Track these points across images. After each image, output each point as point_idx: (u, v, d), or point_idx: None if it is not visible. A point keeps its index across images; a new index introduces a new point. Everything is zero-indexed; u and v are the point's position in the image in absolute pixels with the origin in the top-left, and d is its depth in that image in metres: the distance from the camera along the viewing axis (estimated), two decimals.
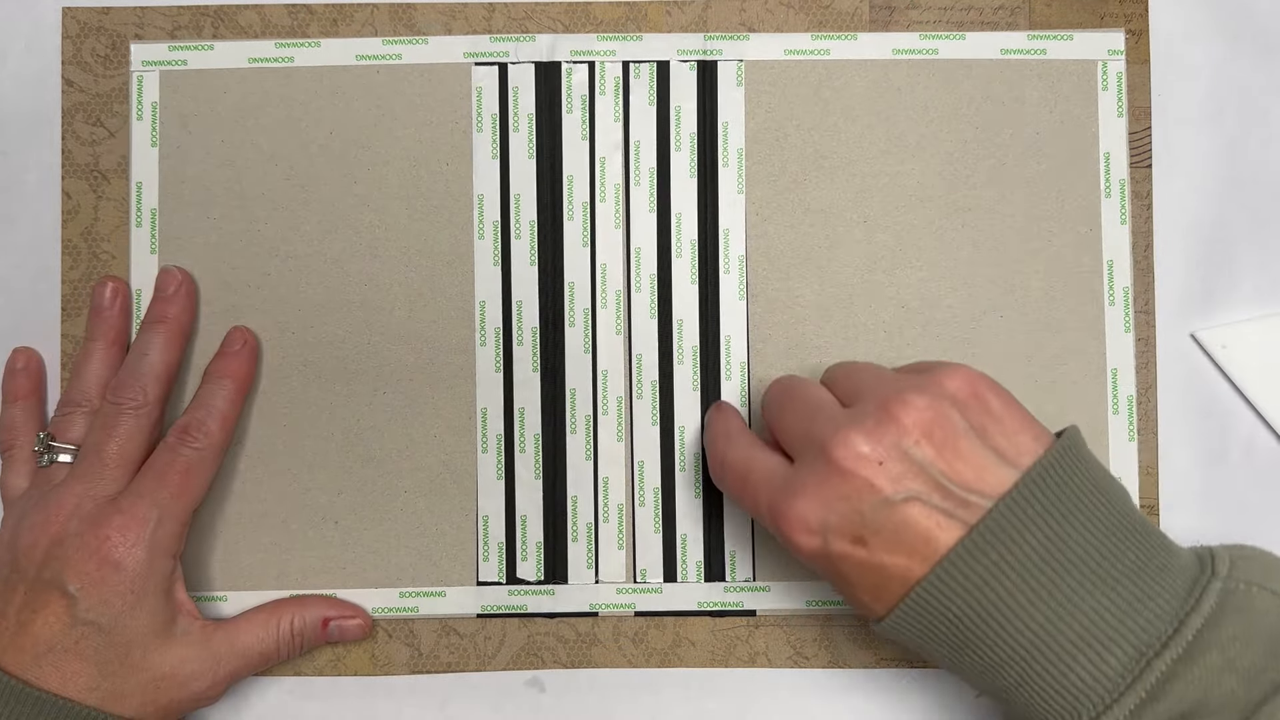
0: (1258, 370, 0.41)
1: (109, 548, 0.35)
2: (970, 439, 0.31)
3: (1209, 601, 0.29)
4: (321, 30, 0.42)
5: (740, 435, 0.36)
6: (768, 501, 0.33)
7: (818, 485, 0.31)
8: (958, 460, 0.31)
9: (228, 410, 0.39)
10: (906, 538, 0.30)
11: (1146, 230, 0.41)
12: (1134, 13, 0.42)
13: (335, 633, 0.40)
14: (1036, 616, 0.30)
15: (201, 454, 0.38)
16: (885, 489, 0.30)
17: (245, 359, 0.40)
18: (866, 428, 0.31)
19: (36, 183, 0.42)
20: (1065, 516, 0.30)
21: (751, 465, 0.34)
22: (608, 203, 0.41)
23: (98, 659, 0.35)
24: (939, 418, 0.31)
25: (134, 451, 0.37)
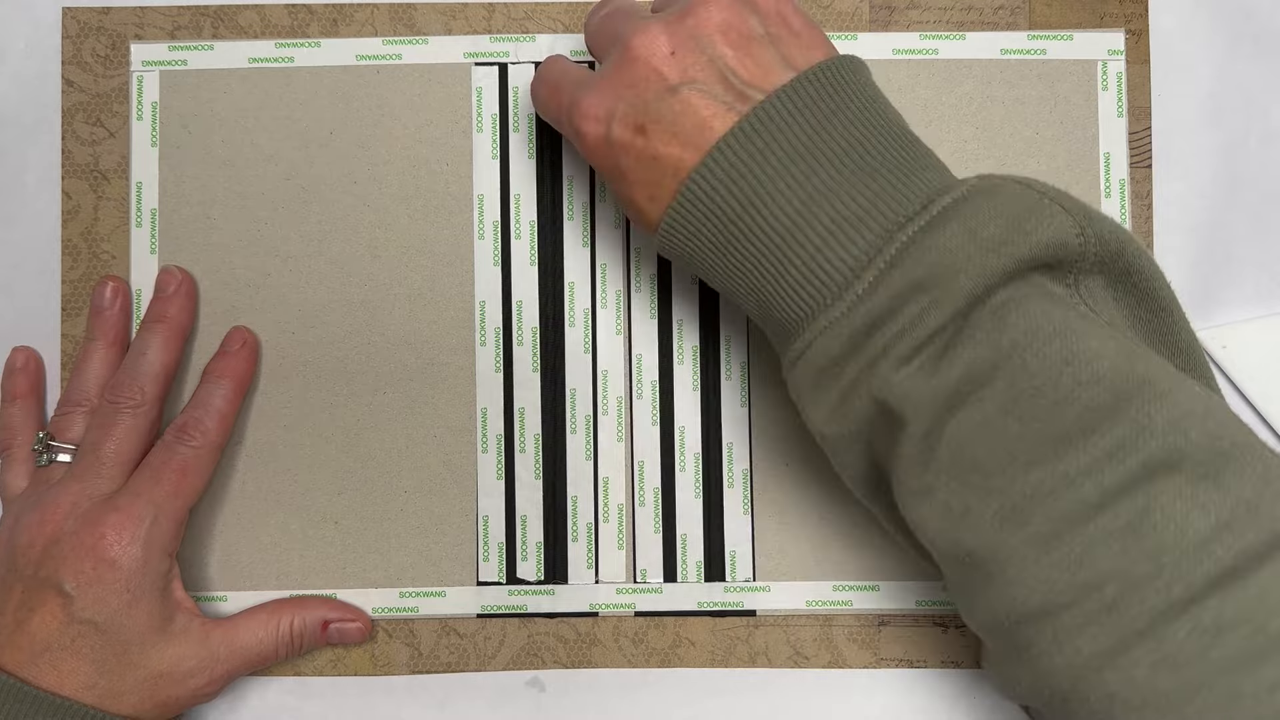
0: (1258, 370, 0.41)
1: (105, 546, 0.35)
2: (764, 43, 0.32)
3: (960, 189, 0.29)
4: (321, 30, 0.42)
5: (563, 61, 0.37)
6: (568, 100, 0.34)
7: (612, 75, 0.32)
8: (748, 58, 0.31)
9: (226, 410, 0.39)
10: (683, 126, 0.31)
11: (1146, 230, 0.41)
12: (1134, 13, 0.42)
13: (335, 635, 0.40)
14: (794, 201, 0.30)
15: (198, 453, 0.38)
16: (671, 77, 0.31)
17: (244, 359, 0.40)
18: (668, 20, 0.32)
19: (36, 183, 0.42)
20: (833, 113, 0.31)
21: (564, 75, 0.35)
22: (608, 202, 0.41)
23: (95, 657, 0.35)
24: (738, 19, 0.32)
25: (131, 451, 0.37)
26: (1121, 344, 0.28)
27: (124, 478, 0.37)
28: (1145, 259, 0.30)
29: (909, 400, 0.28)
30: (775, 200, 0.30)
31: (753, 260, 0.31)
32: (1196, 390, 0.27)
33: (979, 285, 0.28)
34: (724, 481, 0.41)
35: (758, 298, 0.31)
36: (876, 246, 0.29)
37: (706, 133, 0.31)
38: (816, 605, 0.41)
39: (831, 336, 0.29)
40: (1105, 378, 0.27)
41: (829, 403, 0.30)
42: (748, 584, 0.41)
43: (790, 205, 0.30)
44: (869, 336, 0.29)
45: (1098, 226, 0.29)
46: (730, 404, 0.41)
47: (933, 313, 0.28)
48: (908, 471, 0.29)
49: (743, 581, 0.41)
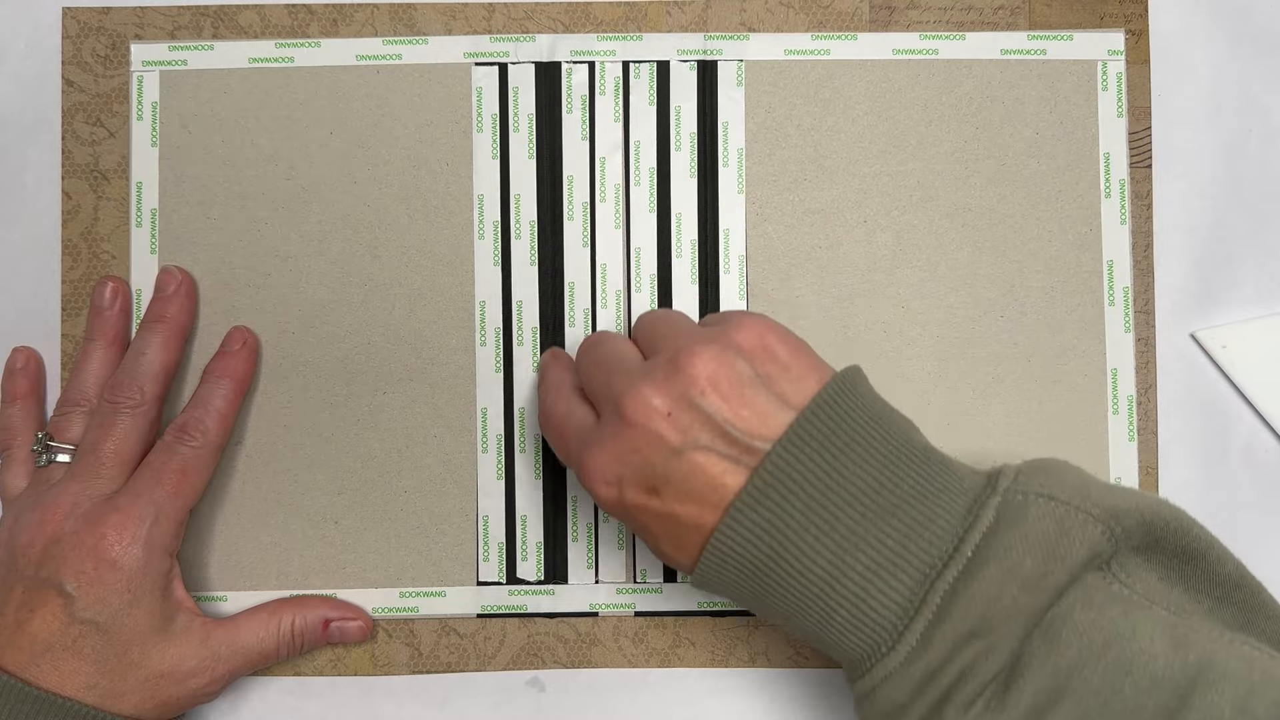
0: (1258, 370, 0.41)
1: (105, 546, 0.35)
2: (755, 387, 0.31)
3: (987, 516, 0.30)
4: (321, 30, 0.42)
5: (565, 388, 0.37)
6: (576, 454, 0.34)
7: (613, 439, 0.32)
8: (743, 408, 0.31)
9: (226, 410, 0.39)
10: (696, 486, 0.31)
11: (1146, 230, 0.41)
12: (1134, 13, 0.42)
13: (336, 634, 0.40)
14: (824, 553, 0.30)
15: (198, 453, 0.38)
16: (673, 440, 0.31)
17: (244, 359, 0.40)
18: (656, 380, 0.32)
19: (36, 183, 0.42)
20: (841, 450, 0.30)
21: (568, 420, 0.35)
22: (608, 203, 0.41)
23: (95, 657, 0.35)
24: (725, 368, 0.31)
25: (130, 451, 0.37)
26: (1168, 631, 0.28)
27: (124, 478, 0.37)
28: (1168, 520, 0.30)
29: None
30: (805, 553, 0.30)
31: (794, 607, 0.31)
32: (1254, 655, 0.28)
33: (1029, 624, 0.29)
34: None
35: (806, 635, 0.32)
36: (918, 594, 0.29)
37: (720, 491, 0.31)
38: None
39: (894, 686, 0.30)
40: (1164, 679, 0.27)
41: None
42: None
43: (821, 556, 0.30)
44: (930, 683, 0.29)
45: (1125, 520, 0.30)
46: None
47: (990, 658, 0.29)
48: None
49: None
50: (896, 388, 0.41)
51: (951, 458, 0.32)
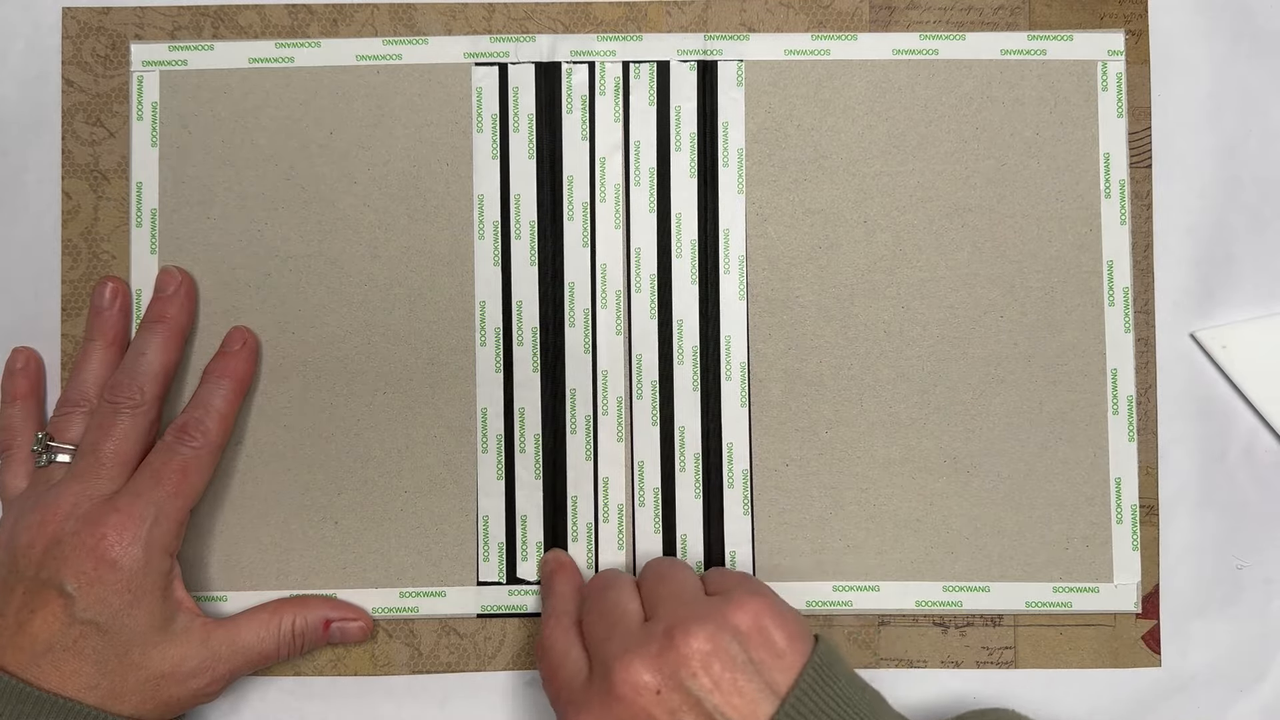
0: (1258, 370, 0.41)
1: (106, 546, 0.35)
2: (748, 673, 0.32)
3: None
4: (321, 30, 0.42)
5: (566, 620, 0.36)
6: (562, 707, 0.34)
7: (600, 706, 0.32)
8: (734, 695, 0.31)
9: (226, 410, 0.39)
10: None
11: (1146, 230, 0.41)
12: (1134, 13, 0.42)
13: (337, 635, 0.40)
14: None
15: (199, 453, 0.38)
16: (659, 718, 0.31)
17: (244, 359, 0.40)
18: (650, 654, 0.32)
19: (36, 183, 0.42)
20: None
21: (563, 663, 0.35)
22: (608, 203, 0.41)
23: (96, 657, 0.35)
24: (719, 650, 0.32)
25: (130, 451, 0.37)
26: None
27: (124, 478, 0.37)
28: None
29: None
30: None
31: None
32: None
33: None
34: (724, 481, 0.41)
35: None
36: None
37: None
38: (816, 605, 0.41)
39: None
40: None
41: None
42: None
43: None
44: None
45: None
46: (730, 404, 0.41)
47: None
48: None
49: None
50: (896, 388, 0.41)
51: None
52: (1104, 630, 0.41)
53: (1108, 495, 0.41)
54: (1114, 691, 0.41)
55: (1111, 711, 0.40)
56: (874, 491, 0.41)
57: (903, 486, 0.41)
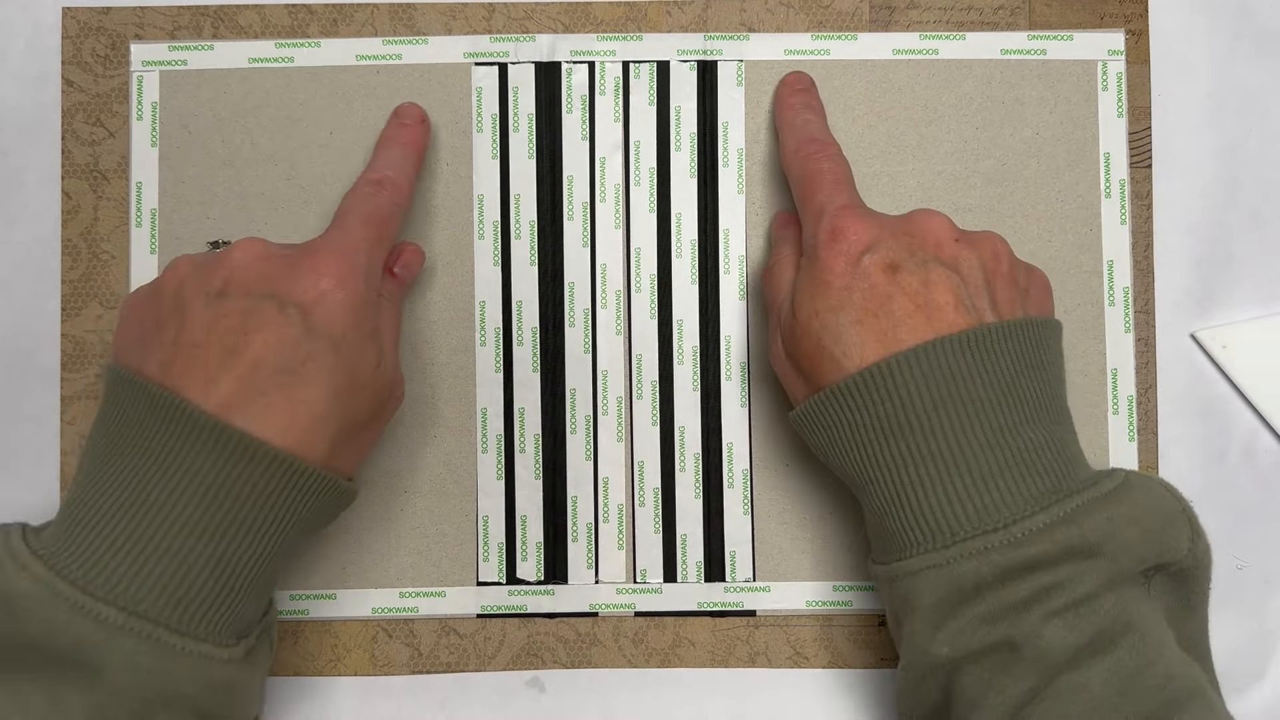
0: (1258, 370, 0.41)
1: (327, 268, 0.32)
2: (1018, 289, 0.34)
3: (1121, 475, 0.32)
4: (321, 30, 0.42)
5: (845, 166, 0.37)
6: (839, 200, 0.35)
7: (892, 220, 0.34)
8: (1008, 287, 0.34)
9: (412, 174, 0.38)
10: (930, 296, 0.32)
11: (1146, 230, 0.41)
12: (1134, 13, 0.42)
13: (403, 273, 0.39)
14: (981, 426, 0.31)
15: (396, 206, 0.36)
16: (946, 253, 0.33)
17: (423, 132, 0.40)
18: (960, 229, 0.34)
19: (36, 183, 0.42)
20: (1037, 365, 0.33)
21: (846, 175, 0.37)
22: (608, 203, 0.41)
23: (329, 381, 0.31)
24: (1011, 265, 0.34)
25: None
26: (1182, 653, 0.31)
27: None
28: (1207, 576, 0.33)
29: (1045, 652, 0.30)
30: (967, 414, 0.31)
31: (904, 458, 0.32)
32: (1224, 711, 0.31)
33: (1133, 568, 0.31)
34: (724, 481, 0.41)
35: (897, 489, 0.32)
36: (1046, 499, 0.31)
37: (940, 316, 0.32)
38: (816, 605, 0.41)
39: (985, 562, 0.30)
40: (1182, 677, 0.30)
41: (951, 624, 0.31)
42: (748, 584, 0.41)
43: (979, 427, 0.31)
44: (1022, 577, 0.30)
45: (1197, 545, 0.32)
46: (730, 404, 0.41)
47: (1090, 578, 0.30)
48: (999, 713, 0.30)
49: (743, 581, 0.41)
50: None
51: None
52: None
53: None
54: None
55: None
56: None
57: None
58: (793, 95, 0.40)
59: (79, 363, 0.41)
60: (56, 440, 0.41)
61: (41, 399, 0.41)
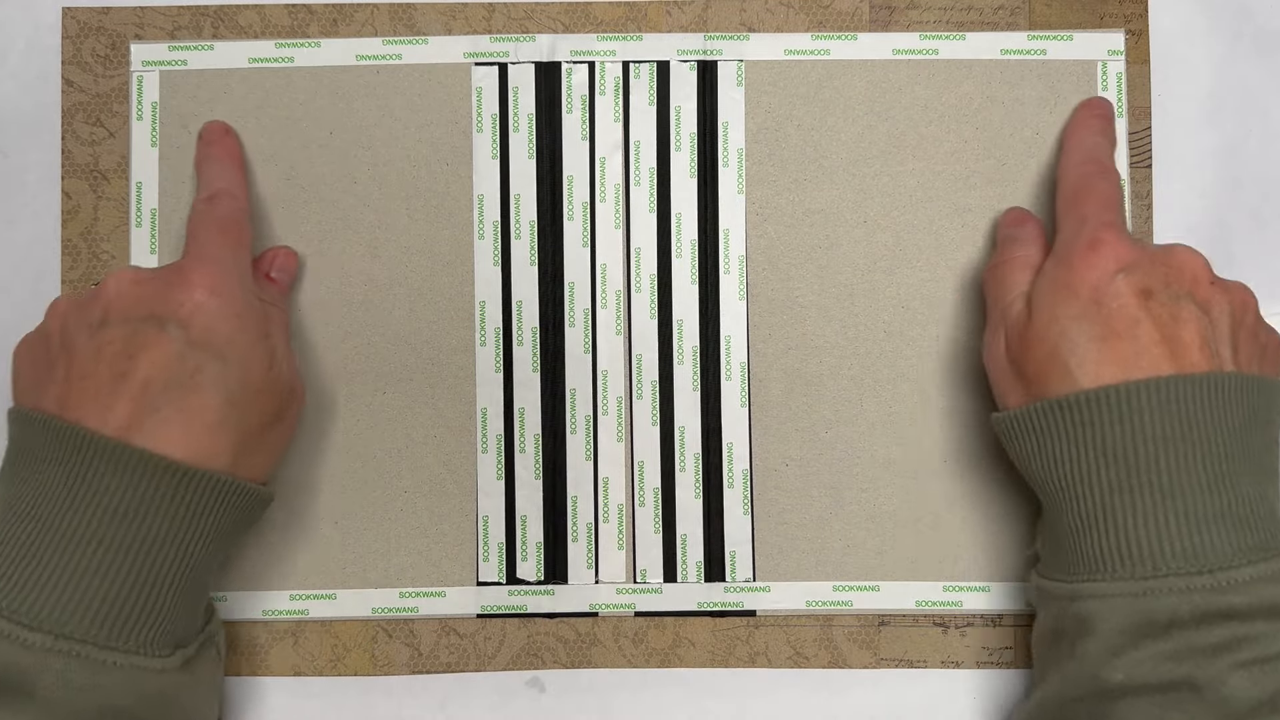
0: None
1: (200, 280, 0.33)
2: (1256, 342, 0.34)
3: None
4: (321, 30, 0.42)
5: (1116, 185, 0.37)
6: (1096, 221, 0.34)
7: (1153, 248, 0.34)
8: (1251, 340, 0.34)
9: (239, 179, 0.39)
10: (1174, 330, 0.32)
11: (1146, 230, 0.41)
12: (1134, 13, 0.42)
13: (280, 276, 0.39)
14: (1204, 470, 0.31)
15: (237, 210, 0.37)
16: (1201, 291, 0.33)
17: (232, 141, 0.40)
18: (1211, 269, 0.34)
19: (36, 183, 0.42)
20: (1269, 425, 0.33)
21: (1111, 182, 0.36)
22: (608, 203, 0.41)
23: (221, 387, 0.32)
24: (1256, 315, 0.35)
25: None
26: None
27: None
28: None
29: (1227, 699, 0.30)
30: (1195, 456, 0.31)
31: (1139, 486, 0.32)
32: None
33: None
34: (724, 481, 0.41)
35: (1103, 512, 0.32)
36: (1258, 554, 0.31)
37: (1185, 352, 0.32)
38: (816, 605, 0.41)
39: (1184, 601, 0.30)
40: None
41: (1133, 654, 0.31)
42: (748, 584, 0.41)
43: (1198, 471, 0.31)
44: (1217, 624, 0.30)
45: None
46: (730, 404, 0.41)
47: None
48: None
49: (743, 581, 0.41)
50: (897, 388, 0.41)
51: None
52: None
53: None
54: None
55: None
56: (874, 491, 0.41)
57: (903, 486, 0.41)
58: (1092, 117, 0.40)
59: None
60: None
61: None
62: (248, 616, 0.41)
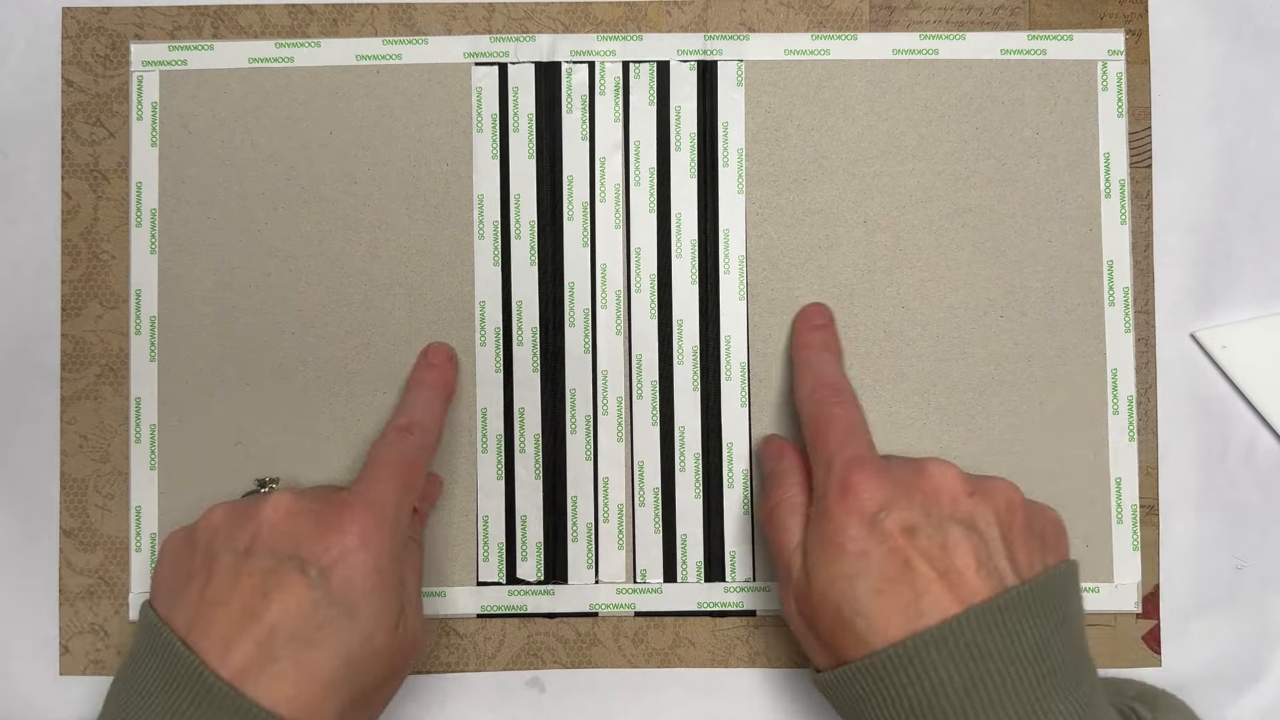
0: (1258, 370, 0.41)
1: (352, 524, 0.33)
2: (1036, 541, 0.33)
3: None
4: (321, 30, 0.42)
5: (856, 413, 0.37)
6: (842, 460, 0.34)
7: (907, 474, 0.33)
8: (1026, 541, 0.33)
9: (440, 415, 0.39)
10: (946, 561, 0.31)
11: (1146, 230, 0.41)
12: (1134, 13, 0.42)
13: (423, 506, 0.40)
14: (1013, 704, 0.30)
15: (425, 450, 0.37)
16: (962, 510, 0.32)
17: (451, 371, 0.40)
18: (966, 475, 0.33)
19: (36, 183, 0.42)
20: (1065, 622, 0.32)
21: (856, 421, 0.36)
22: (608, 203, 0.41)
23: (341, 648, 0.31)
24: (1024, 511, 0.33)
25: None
26: None
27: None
28: None
29: None
30: (998, 694, 0.30)
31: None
32: None
33: None
34: (724, 481, 0.41)
35: None
36: None
37: (961, 583, 0.31)
38: None
39: None
40: None
41: None
42: (748, 584, 0.41)
43: (1014, 705, 0.30)
44: None
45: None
46: (730, 404, 0.41)
47: None
48: None
49: (743, 581, 0.41)
50: (897, 388, 0.41)
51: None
52: (1104, 630, 0.41)
53: (1108, 495, 0.41)
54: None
55: None
56: None
57: None
58: (810, 332, 0.40)
59: (79, 363, 0.41)
60: (56, 440, 0.41)
61: (41, 399, 0.41)
62: None
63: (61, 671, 0.41)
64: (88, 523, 0.41)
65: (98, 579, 0.41)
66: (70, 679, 0.41)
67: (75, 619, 0.41)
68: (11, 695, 0.41)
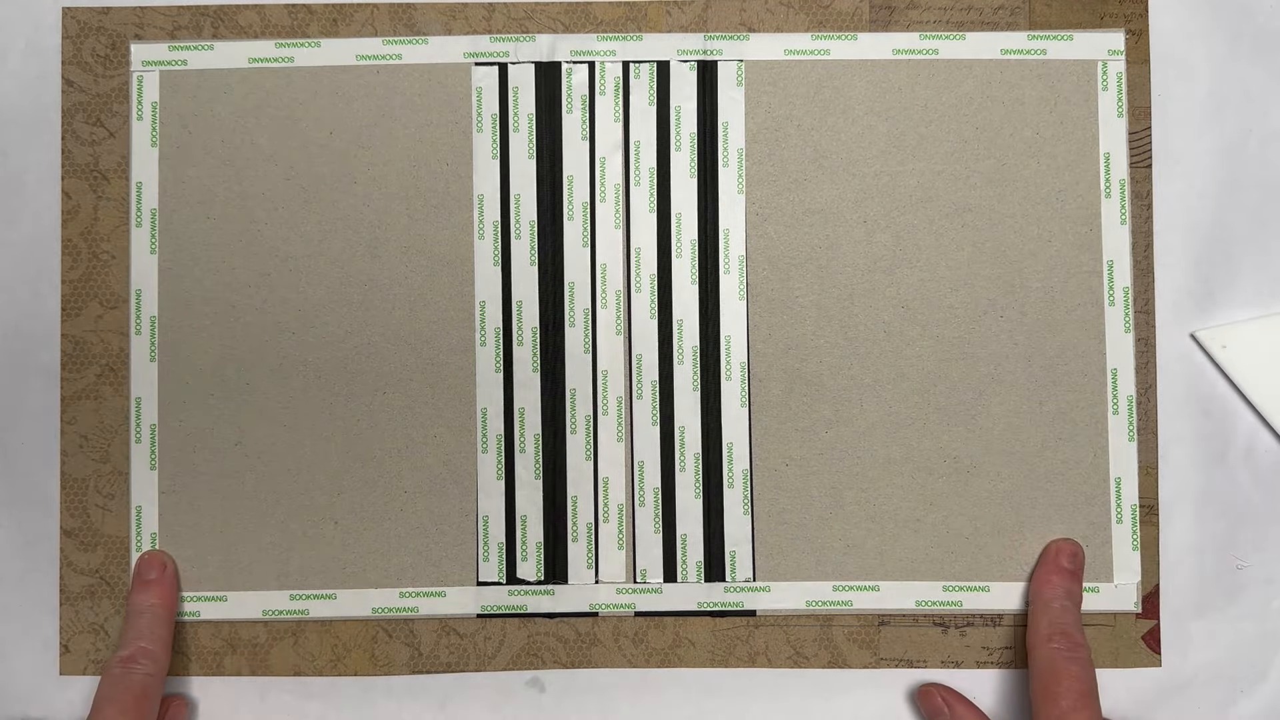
0: (1258, 370, 0.41)
1: None
2: None
3: None
4: (321, 30, 0.42)
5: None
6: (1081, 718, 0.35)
7: None
8: None
9: (166, 633, 0.39)
10: None
11: (1146, 230, 0.41)
12: (1134, 13, 0.42)
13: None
14: None
15: (152, 677, 0.37)
16: None
17: (168, 583, 0.40)
18: None
19: (36, 183, 0.42)
20: None
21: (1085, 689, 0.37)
22: (608, 203, 0.41)
23: None
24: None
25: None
26: None
27: None
28: None
29: None
30: None
31: None
32: None
33: None
34: (724, 481, 0.41)
35: None
36: None
37: None
38: (816, 605, 0.41)
39: None
40: None
41: None
42: (748, 584, 0.41)
43: None
44: None
45: None
46: (730, 404, 0.41)
47: None
48: None
49: (743, 581, 0.41)
50: (896, 388, 0.41)
51: None
52: (1104, 630, 0.41)
53: (1108, 495, 0.41)
54: (1114, 692, 0.41)
55: (1112, 712, 0.40)
56: (874, 491, 0.41)
57: (903, 486, 0.41)
58: (1057, 573, 0.40)
59: (79, 363, 0.41)
60: (56, 440, 0.41)
61: (41, 399, 0.41)
62: (248, 616, 0.41)
63: (61, 671, 0.41)
64: (88, 523, 0.41)
65: (98, 579, 0.41)
66: (70, 679, 0.41)
67: (75, 619, 0.41)
68: (11, 695, 0.41)
